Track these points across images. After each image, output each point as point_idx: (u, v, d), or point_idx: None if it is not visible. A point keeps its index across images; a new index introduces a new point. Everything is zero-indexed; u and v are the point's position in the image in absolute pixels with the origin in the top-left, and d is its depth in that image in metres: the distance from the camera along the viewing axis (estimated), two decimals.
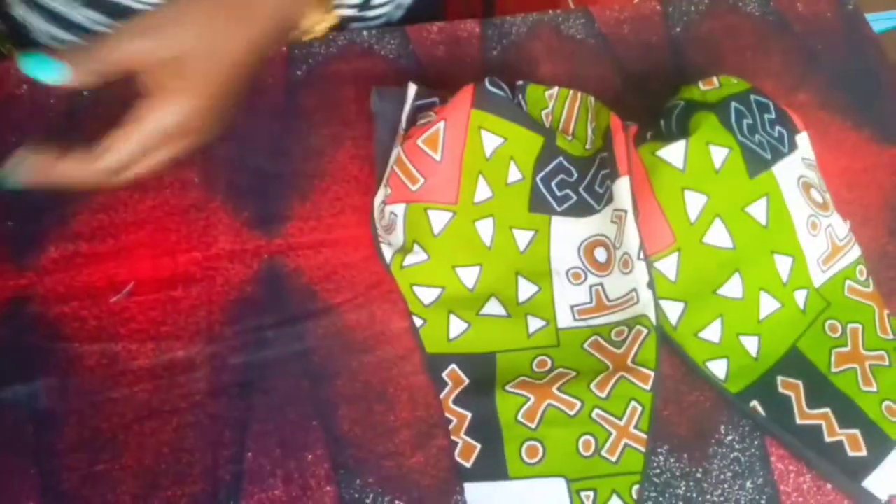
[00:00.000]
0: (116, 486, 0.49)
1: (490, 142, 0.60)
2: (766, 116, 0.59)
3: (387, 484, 0.50)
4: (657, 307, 0.54)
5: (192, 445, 0.50)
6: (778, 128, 0.59)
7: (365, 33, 0.69)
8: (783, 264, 0.55)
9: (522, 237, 0.59)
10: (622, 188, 0.56)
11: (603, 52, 0.70)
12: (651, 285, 0.54)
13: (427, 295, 0.57)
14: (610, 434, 0.51)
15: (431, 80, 0.66)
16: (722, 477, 0.50)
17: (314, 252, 0.58)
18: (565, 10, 0.73)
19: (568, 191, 0.60)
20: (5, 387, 0.51)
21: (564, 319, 0.56)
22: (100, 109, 0.63)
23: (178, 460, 0.50)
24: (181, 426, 0.51)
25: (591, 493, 0.49)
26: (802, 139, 0.60)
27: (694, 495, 0.49)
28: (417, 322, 0.56)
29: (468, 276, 0.57)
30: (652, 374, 0.52)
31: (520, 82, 0.63)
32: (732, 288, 0.54)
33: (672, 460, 0.51)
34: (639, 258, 0.54)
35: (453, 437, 0.51)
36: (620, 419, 0.51)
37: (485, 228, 0.58)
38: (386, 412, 0.52)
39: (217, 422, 0.51)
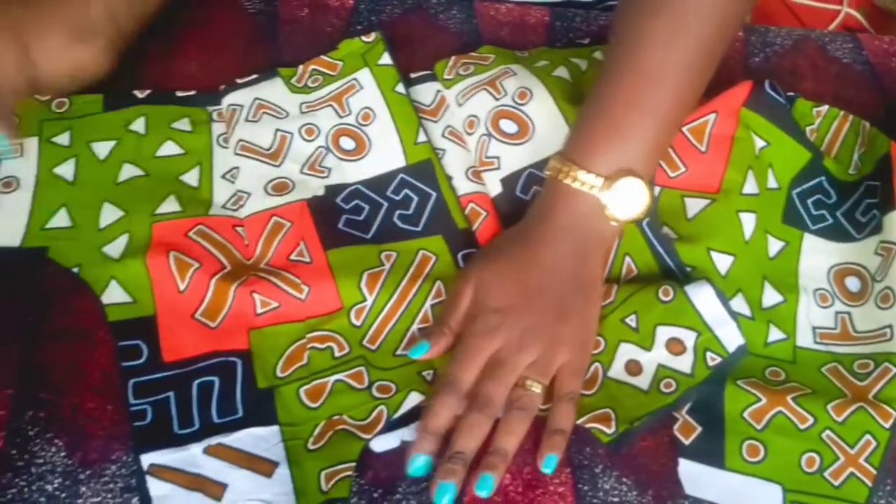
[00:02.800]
0: None
1: (756, 141, 0.59)
2: None
3: (616, 459, 0.49)
4: None
5: None
6: None
7: None
8: None
9: (774, 244, 0.57)
10: None
11: (869, 80, 0.67)
12: None
13: None
14: (838, 458, 0.49)
15: None
16: None
17: None
18: (832, 32, 0.71)
19: (824, 212, 0.59)
20: None
21: (804, 339, 0.55)
22: None
23: None
24: None
25: None
26: None
27: None
28: None
29: (722, 262, 0.55)
30: (895, 413, 0.50)
31: (790, 93, 0.62)
32: None
33: None
34: None
35: (674, 413, 0.51)
36: (852, 448, 0.50)
37: (748, 221, 0.57)
38: None
39: None
